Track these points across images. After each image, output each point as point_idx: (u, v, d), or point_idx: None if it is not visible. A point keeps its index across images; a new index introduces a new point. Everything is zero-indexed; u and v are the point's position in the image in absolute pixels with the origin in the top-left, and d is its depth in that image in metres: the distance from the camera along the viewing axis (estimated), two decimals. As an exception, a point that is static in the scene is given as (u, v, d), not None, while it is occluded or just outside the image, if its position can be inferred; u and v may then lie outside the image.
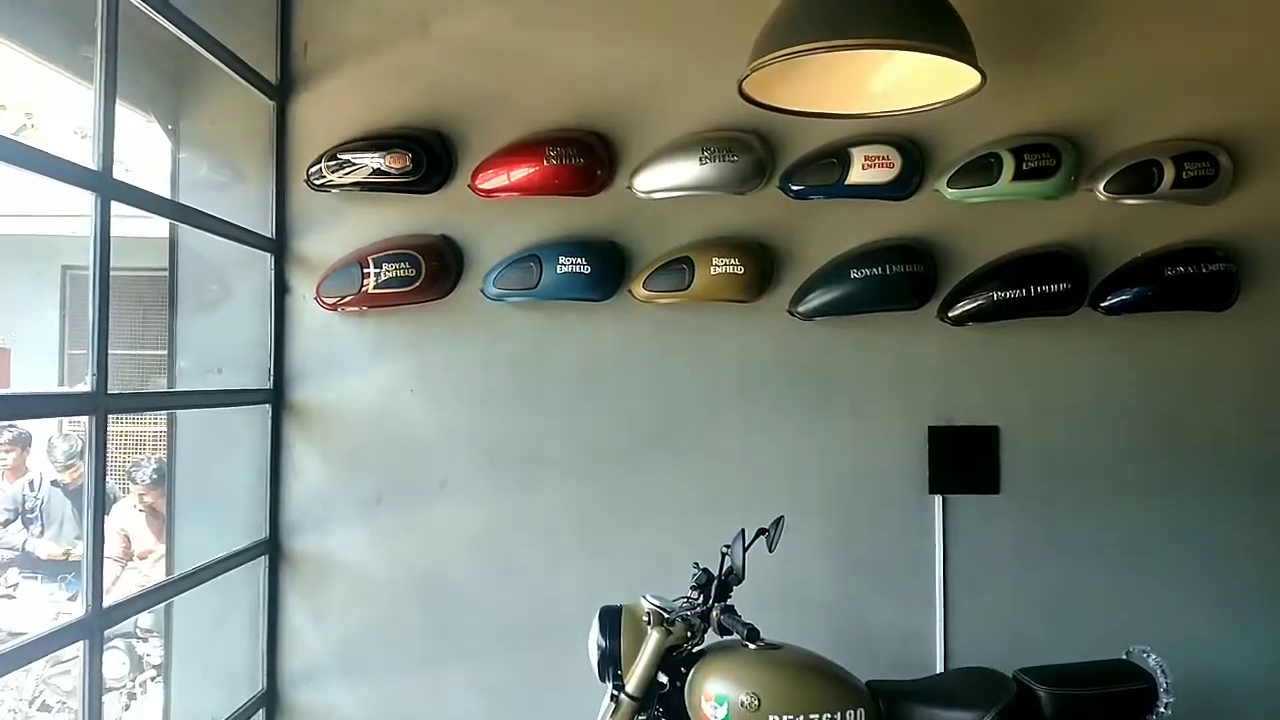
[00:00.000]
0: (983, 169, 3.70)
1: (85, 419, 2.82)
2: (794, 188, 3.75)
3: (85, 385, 2.77)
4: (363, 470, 3.85)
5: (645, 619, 2.84)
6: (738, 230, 3.80)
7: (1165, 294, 3.72)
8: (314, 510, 3.85)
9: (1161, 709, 2.81)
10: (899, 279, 3.72)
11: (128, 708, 5.36)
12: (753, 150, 3.72)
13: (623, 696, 2.81)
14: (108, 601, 2.81)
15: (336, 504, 3.85)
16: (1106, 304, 3.74)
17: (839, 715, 2.75)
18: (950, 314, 3.76)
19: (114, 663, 5.37)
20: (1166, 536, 3.77)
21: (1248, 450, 3.78)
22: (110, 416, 2.84)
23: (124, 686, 5.38)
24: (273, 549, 3.81)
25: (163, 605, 4.04)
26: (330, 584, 3.83)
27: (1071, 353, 3.81)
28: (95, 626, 2.71)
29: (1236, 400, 3.79)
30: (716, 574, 2.89)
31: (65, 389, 6.07)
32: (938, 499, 3.79)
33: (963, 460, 3.80)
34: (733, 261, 3.71)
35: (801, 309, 3.77)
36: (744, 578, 2.81)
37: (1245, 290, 3.74)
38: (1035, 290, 3.69)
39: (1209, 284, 3.71)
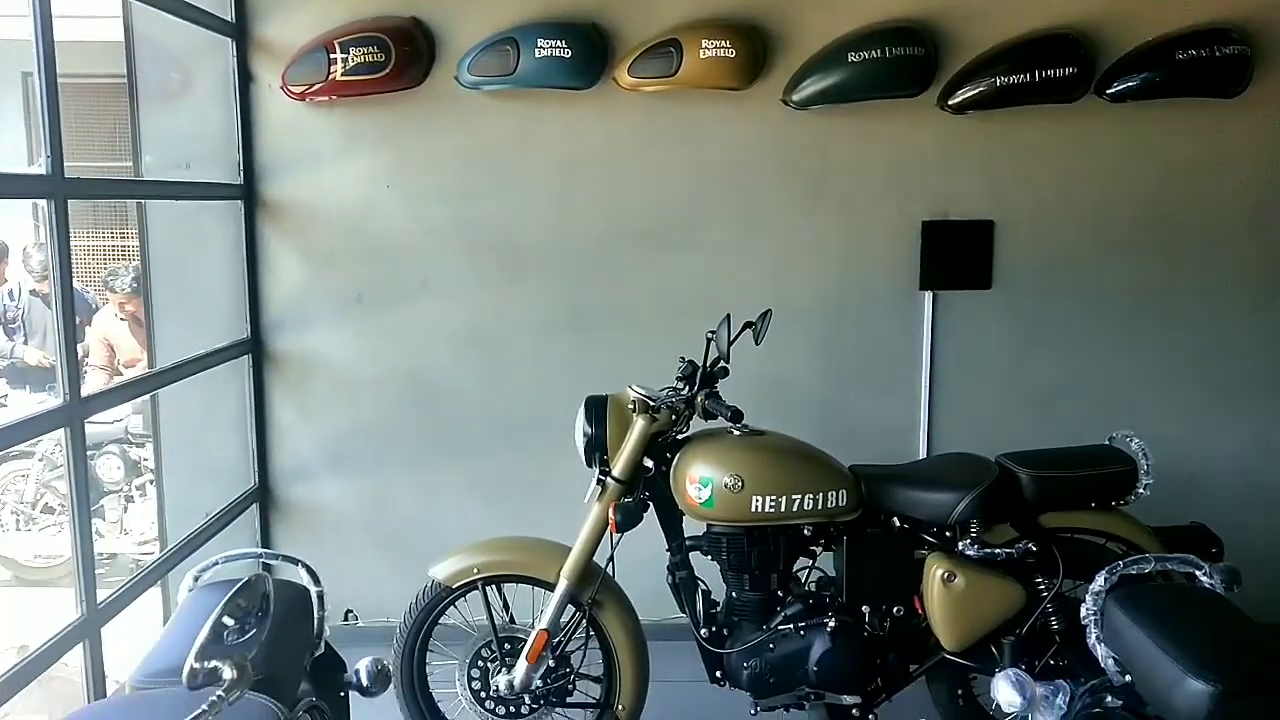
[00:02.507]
0: (992, -60, 3.45)
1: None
2: (789, -39, 3.50)
3: (39, 168, 2.62)
4: (341, 269, 3.76)
5: (631, 407, 2.83)
6: (729, 10, 3.58)
7: (1174, 79, 3.55)
8: (294, 310, 3.79)
9: (1140, 490, 2.84)
10: (899, 63, 3.53)
11: (126, 510, 5.50)
12: (746, -81, 3.45)
13: (609, 480, 2.84)
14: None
15: (316, 303, 3.79)
16: (1112, 90, 3.58)
17: (821, 496, 2.78)
18: (951, 101, 3.59)
19: (109, 467, 5.47)
20: (1159, 331, 3.77)
21: (1248, 243, 3.72)
22: (89, 232, 2.71)
23: (121, 490, 5.49)
24: (255, 348, 3.77)
25: (150, 408, 4.05)
26: (316, 383, 3.82)
27: (1073, 143, 3.67)
28: (75, 414, 2.68)
29: (1239, 192, 3.70)
30: (702, 365, 2.86)
31: (20, 170, 5.87)
32: (928, 295, 3.74)
33: (955, 255, 3.73)
34: (723, 44, 3.50)
35: (795, 97, 3.60)
36: (729, 361, 2.78)
37: (1258, 75, 3.57)
38: (1040, 75, 3.52)
39: (1220, 68, 3.54)
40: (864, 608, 2.86)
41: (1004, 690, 2.17)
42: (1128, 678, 1.88)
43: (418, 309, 3.77)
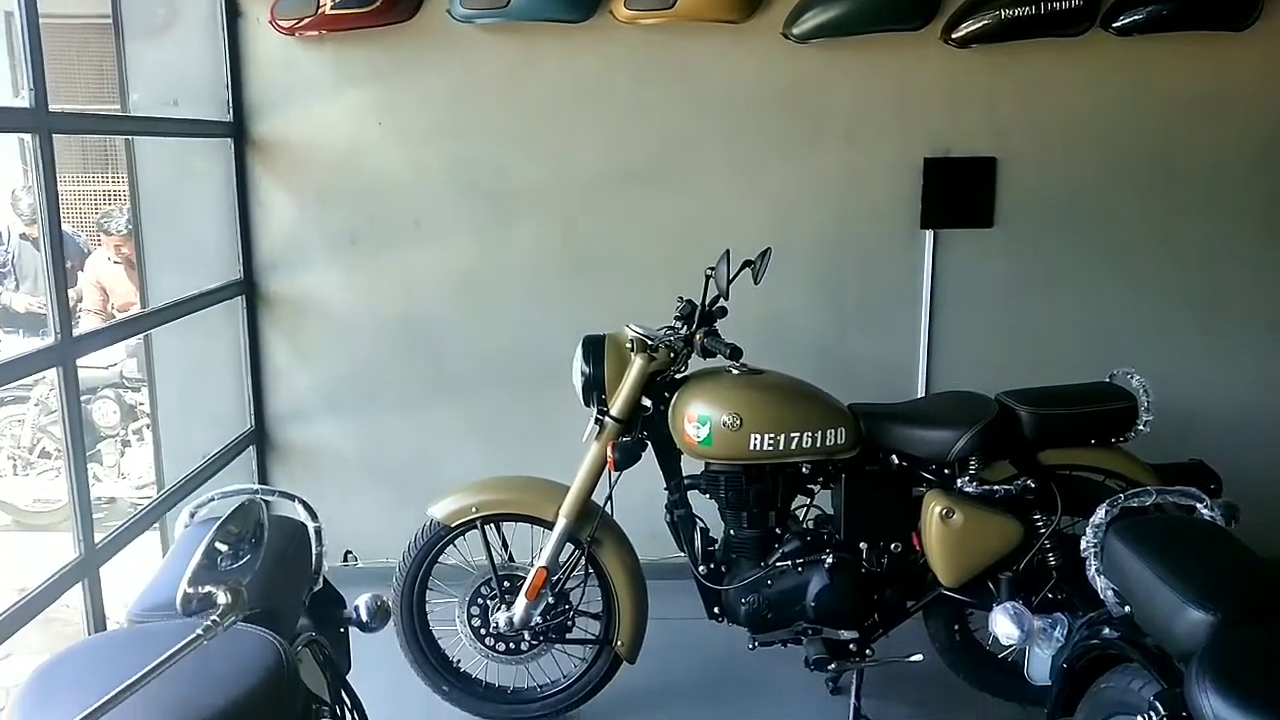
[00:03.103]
0: None
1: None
2: (790, -113, 3.40)
3: (23, 100, 2.56)
4: (334, 209, 3.71)
5: (628, 346, 2.80)
6: (727, -60, 3.48)
7: (1182, 12, 3.48)
8: (286, 251, 3.74)
9: (1140, 426, 2.83)
10: (902, -6, 3.45)
11: (123, 454, 5.49)
12: None
13: (607, 419, 2.82)
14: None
15: (309, 244, 3.74)
16: (1119, 24, 3.51)
17: (819, 434, 2.77)
18: (954, 35, 3.52)
19: (105, 412, 5.45)
20: (1162, 269, 3.74)
21: (1254, 180, 3.67)
22: (78, 177, 2.65)
23: (117, 435, 5.48)
24: (248, 289, 3.73)
25: (144, 351, 4.02)
26: (310, 325, 3.78)
27: (1078, 78, 3.61)
28: (66, 354, 2.65)
29: (1247, 127, 3.64)
30: (701, 303, 2.83)
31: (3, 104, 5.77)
32: (929, 234, 3.69)
33: (957, 194, 3.68)
34: (722, -26, 3.41)
35: (796, 30, 3.52)
36: (728, 299, 2.75)
37: (1268, 7, 3.50)
38: (1045, 8, 3.45)
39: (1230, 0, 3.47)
40: (861, 544, 2.86)
41: (1002, 623, 2.18)
42: (1127, 609, 1.88)
43: (411, 249, 3.72)
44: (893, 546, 2.86)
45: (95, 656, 1.43)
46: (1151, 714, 1.65)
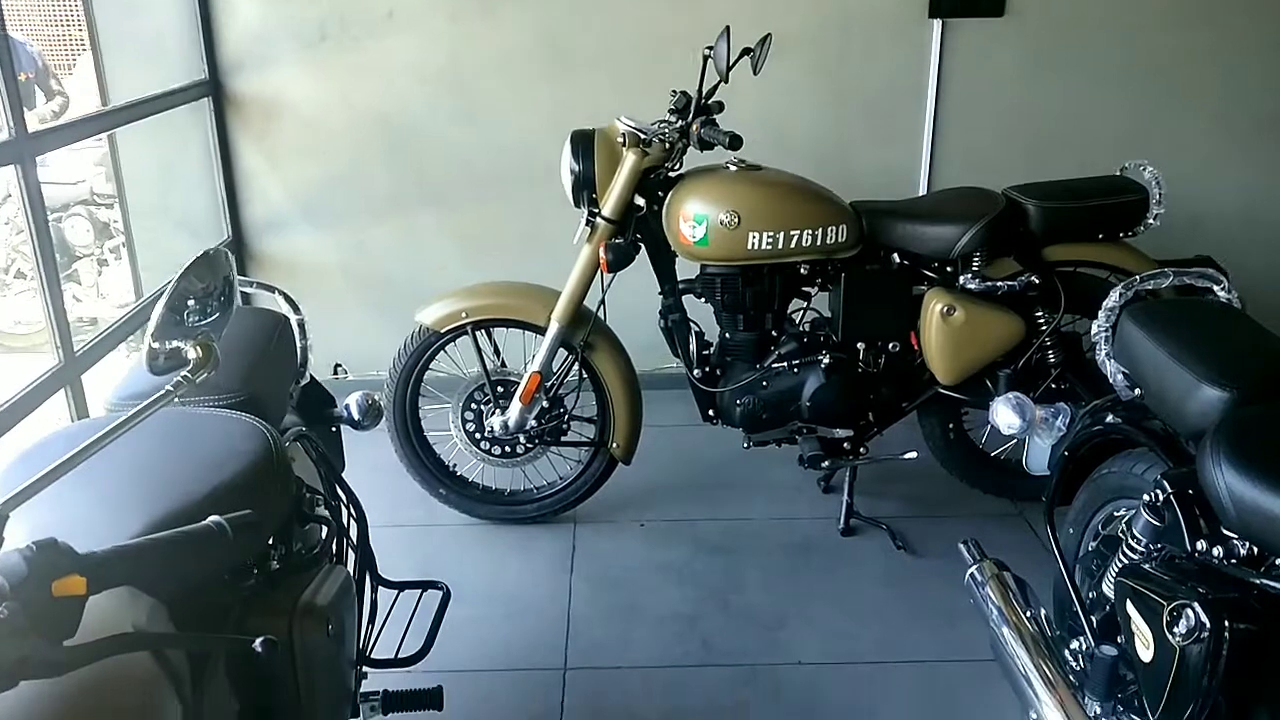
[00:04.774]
0: None
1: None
2: None
3: None
4: (299, 0, 3.44)
5: (620, 140, 2.66)
6: None
7: None
8: (253, 48, 3.50)
9: (1151, 220, 2.74)
10: None
11: (100, 274, 5.36)
12: None
13: (599, 220, 2.71)
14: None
15: (276, 41, 3.49)
16: None
17: (819, 232, 2.67)
18: None
19: (78, 230, 5.28)
20: (1180, 61, 3.55)
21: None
22: None
23: (93, 253, 5.33)
24: (215, 90, 3.51)
25: (111, 161, 3.84)
26: (281, 128, 3.59)
27: None
28: (24, 151, 2.49)
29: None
30: (698, 91, 2.67)
31: None
32: (937, 23, 3.48)
33: (969, -22, 3.44)
34: None
35: None
36: (728, 82, 2.58)
37: None
38: None
39: None
40: (859, 345, 2.82)
41: (1003, 413, 2.14)
42: (1136, 391, 1.84)
43: (385, 43, 3.48)
44: (890, 346, 2.81)
45: (76, 437, 1.37)
46: (1157, 492, 1.63)
